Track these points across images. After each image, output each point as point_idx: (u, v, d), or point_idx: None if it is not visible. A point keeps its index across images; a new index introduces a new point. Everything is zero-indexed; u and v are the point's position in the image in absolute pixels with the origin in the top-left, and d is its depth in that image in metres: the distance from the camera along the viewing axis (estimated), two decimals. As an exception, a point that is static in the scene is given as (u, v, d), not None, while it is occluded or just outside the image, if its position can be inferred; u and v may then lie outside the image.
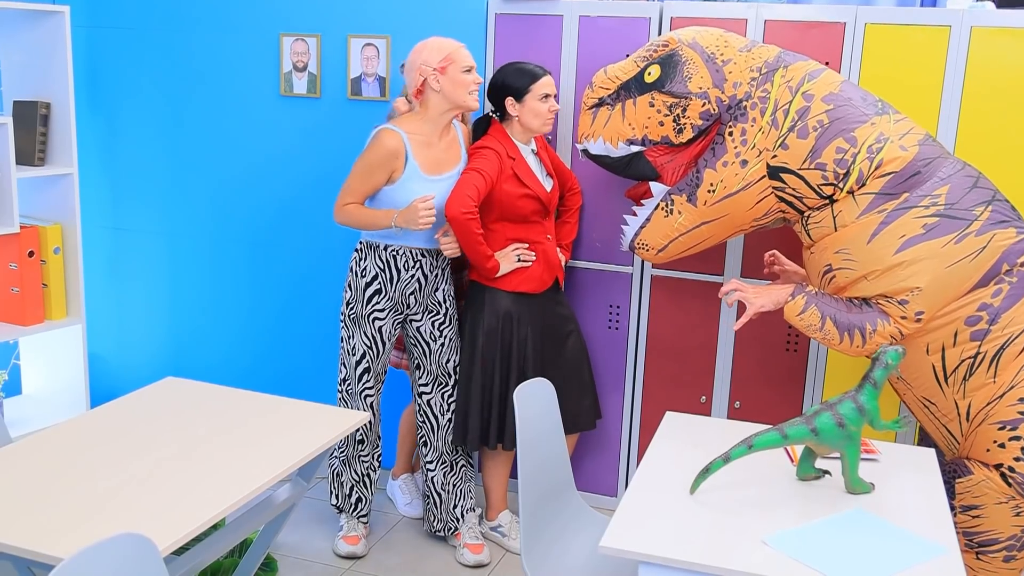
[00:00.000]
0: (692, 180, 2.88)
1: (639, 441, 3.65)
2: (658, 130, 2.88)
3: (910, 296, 2.65)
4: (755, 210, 2.85)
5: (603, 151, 2.96)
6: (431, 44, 3.05)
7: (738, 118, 2.80)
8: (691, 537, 1.94)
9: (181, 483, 2.10)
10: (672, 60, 2.84)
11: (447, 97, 3.04)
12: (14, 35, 3.59)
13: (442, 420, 3.30)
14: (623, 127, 2.91)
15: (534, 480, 2.41)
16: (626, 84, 2.90)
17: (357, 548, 3.29)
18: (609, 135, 2.93)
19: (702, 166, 2.86)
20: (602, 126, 2.94)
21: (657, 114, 2.86)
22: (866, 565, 1.86)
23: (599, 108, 2.96)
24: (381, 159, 3.02)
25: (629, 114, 2.90)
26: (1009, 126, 3.08)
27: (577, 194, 3.48)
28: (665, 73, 2.84)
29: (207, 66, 3.93)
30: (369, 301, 3.15)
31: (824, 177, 2.72)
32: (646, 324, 3.56)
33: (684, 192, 2.89)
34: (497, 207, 3.17)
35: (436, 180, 3.09)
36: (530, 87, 3.13)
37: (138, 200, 4.16)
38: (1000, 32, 3.05)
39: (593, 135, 2.96)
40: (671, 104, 2.84)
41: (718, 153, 2.83)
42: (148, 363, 4.28)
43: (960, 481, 2.70)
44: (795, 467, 2.31)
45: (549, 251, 3.27)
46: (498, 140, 3.17)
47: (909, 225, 2.64)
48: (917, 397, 2.82)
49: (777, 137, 2.76)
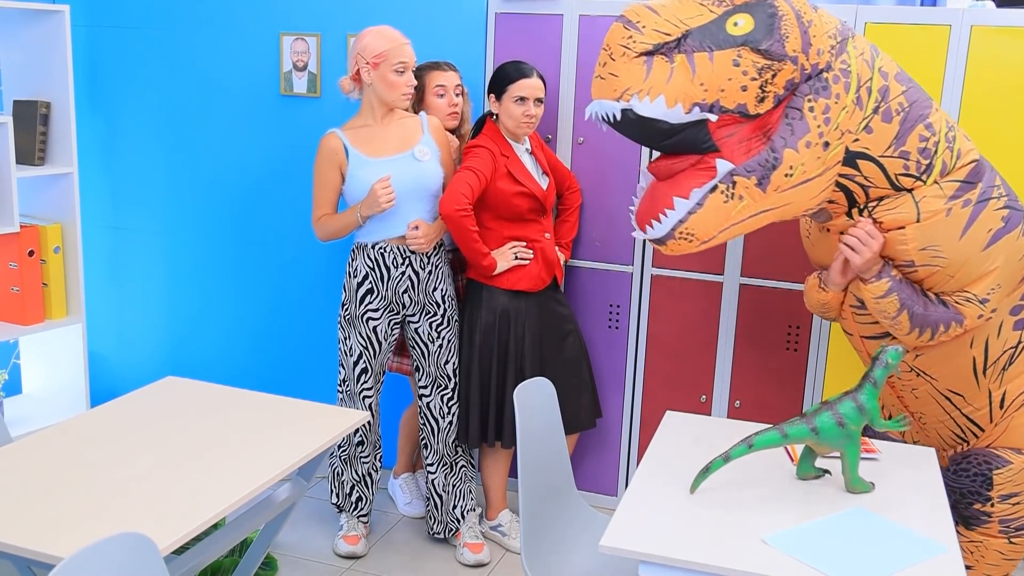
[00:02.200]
0: (767, 161, 2.37)
1: (639, 441, 3.65)
2: (737, 96, 2.32)
3: (991, 293, 2.52)
4: (817, 199, 2.47)
5: (659, 114, 2.30)
6: (373, 33, 3.05)
7: (819, 91, 2.37)
8: (691, 537, 1.94)
9: (181, 482, 2.10)
10: (767, 11, 2.32)
11: (376, 92, 3.06)
12: (14, 34, 3.59)
13: (442, 423, 3.30)
14: (692, 87, 2.28)
15: (534, 480, 2.41)
16: (699, 31, 2.30)
17: (357, 548, 3.29)
18: (673, 94, 2.28)
19: (779, 144, 2.36)
20: (663, 82, 2.27)
21: (743, 76, 2.30)
22: (866, 564, 1.85)
23: (652, 57, 2.30)
24: (324, 160, 3.09)
25: (703, 71, 2.28)
26: (1009, 125, 3.08)
27: (576, 193, 3.48)
28: (759, 27, 2.31)
29: (207, 65, 3.93)
30: (362, 301, 3.16)
31: (906, 167, 2.45)
32: (646, 323, 3.56)
33: (754, 174, 2.37)
34: (493, 205, 3.18)
35: (385, 161, 3.08)
36: (508, 86, 3.14)
37: (138, 199, 4.16)
38: (1000, 31, 3.05)
39: (650, 91, 2.28)
40: (762, 67, 2.31)
41: (798, 131, 2.37)
42: (148, 362, 4.28)
43: (999, 472, 2.67)
44: (795, 467, 2.31)
45: (547, 249, 3.27)
46: (490, 138, 3.18)
47: (991, 218, 2.49)
48: (939, 391, 2.72)
49: (862, 119, 2.41)
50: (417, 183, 3.09)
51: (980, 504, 2.70)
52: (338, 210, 3.16)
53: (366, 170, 3.06)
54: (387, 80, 3.03)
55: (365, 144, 3.09)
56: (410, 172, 3.08)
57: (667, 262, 3.49)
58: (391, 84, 3.03)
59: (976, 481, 2.70)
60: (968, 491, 2.71)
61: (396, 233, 3.12)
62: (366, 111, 3.12)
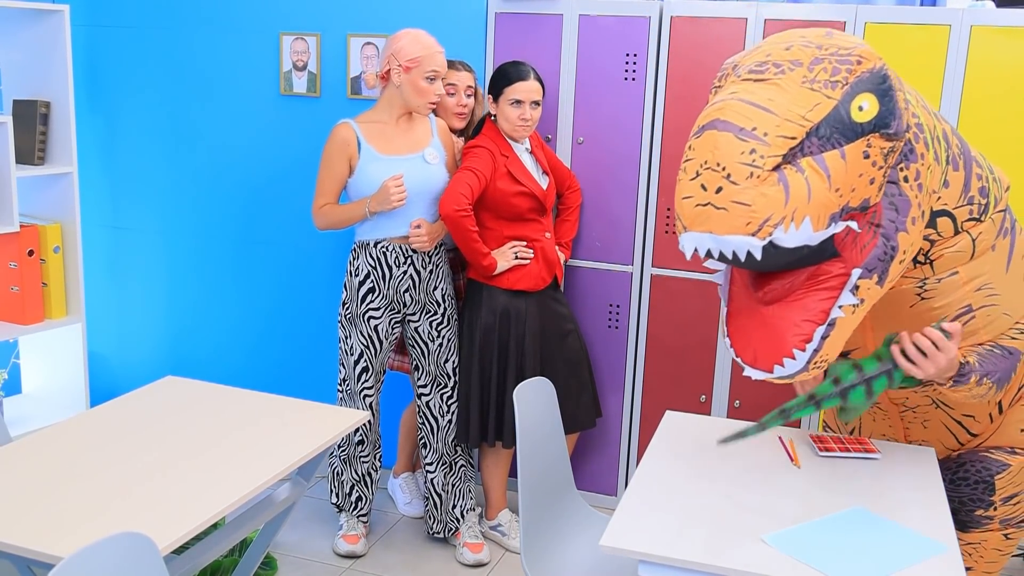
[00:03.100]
0: (885, 253, 1.98)
1: (639, 440, 3.65)
2: (865, 191, 1.93)
3: None
4: None
5: (805, 239, 1.86)
6: (410, 37, 3.04)
7: (907, 156, 2.01)
8: (691, 536, 1.94)
9: (181, 482, 2.10)
10: (881, 84, 1.93)
11: (403, 95, 3.06)
12: (14, 34, 3.59)
13: (442, 422, 3.30)
14: (830, 196, 1.86)
15: (534, 479, 2.41)
16: (825, 125, 1.87)
17: (357, 547, 3.29)
18: (817, 212, 1.85)
19: (891, 230, 1.98)
20: (805, 200, 1.83)
21: (872, 168, 1.92)
22: (866, 564, 1.85)
23: (782, 171, 1.83)
24: (335, 149, 3.07)
25: (837, 174, 1.86)
26: (1009, 125, 3.08)
27: (576, 192, 3.48)
28: (884, 107, 1.93)
29: (207, 65, 3.93)
30: (363, 300, 3.16)
31: (971, 212, 2.16)
32: (646, 323, 3.56)
33: (875, 271, 1.98)
34: (492, 205, 3.18)
35: (397, 160, 3.08)
36: (503, 89, 3.14)
37: (138, 199, 4.16)
38: (1000, 31, 3.05)
39: (794, 217, 1.83)
40: (887, 151, 1.94)
41: (902, 208, 2.00)
42: (148, 362, 4.28)
43: (1000, 476, 2.65)
44: (796, 467, 2.31)
45: (547, 248, 3.27)
46: (490, 139, 3.18)
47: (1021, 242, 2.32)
48: (953, 418, 2.56)
49: (940, 173, 2.09)
50: (425, 186, 3.10)
51: (983, 509, 2.70)
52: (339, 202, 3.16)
53: (376, 166, 3.06)
54: (417, 86, 3.03)
55: (378, 140, 3.09)
56: (420, 174, 3.09)
57: (667, 262, 3.49)
58: (420, 90, 3.03)
59: (978, 489, 2.70)
60: (969, 498, 2.70)
61: (399, 232, 3.12)
62: (383, 108, 3.12)
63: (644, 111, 3.42)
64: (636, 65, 3.41)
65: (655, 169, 3.45)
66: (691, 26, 3.33)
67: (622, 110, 3.45)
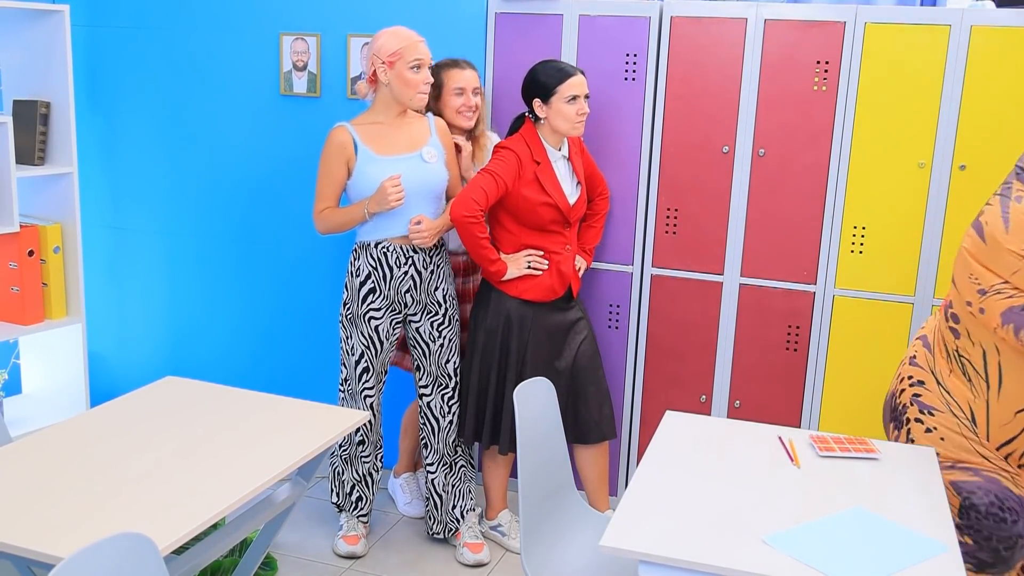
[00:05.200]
0: None
1: (639, 441, 3.65)
2: None
3: None
4: None
5: None
6: (388, 33, 3.05)
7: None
8: (691, 536, 1.94)
9: (181, 482, 2.10)
10: None
11: (393, 92, 3.06)
12: (14, 34, 3.59)
13: (443, 422, 3.30)
14: None
15: (534, 480, 2.41)
16: None
17: (357, 548, 3.29)
18: None
19: None
20: None
21: None
22: (866, 564, 1.86)
23: None
24: (332, 154, 3.08)
25: None
26: (1009, 125, 3.08)
27: (605, 199, 3.43)
28: None
29: (207, 65, 3.93)
30: (364, 300, 3.16)
31: None
32: (646, 324, 3.56)
33: None
34: (515, 210, 3.12)
35: (395, 160, 3.08)
36: (556, 88, 3.05)
37: (138, 199, 4.16)
38: (1000, 32, 3.05)
39: None
40: None
41: None
42: (148, 362, 4.28)
43: None
44: (796, 467, 2.31)
45: (563, 263, 3.20)
46: (525, 142, 3.11)
47: None
48: None
49: None
50: (424, 185, 3.09)
51: None
52: (339, 205, 3.16)
53: (374, 167, 3.06)
54: (403, 78, 3.02)
55: (375, 141, 3.09)
56: (418, 173, 3.08)
57: (667, 262, 3.49)
58: (407, 82, 3.03)
59: None
60: None
61: (399, 232, 3.12)
62: (379, 108, 3.12)
63: (644, 111, 3.42)
64: (636, 65, 3.41)
65: (655, 169, 3.45)
66: (691, 26, 3.33)
67: (622, 110, 3.44)
